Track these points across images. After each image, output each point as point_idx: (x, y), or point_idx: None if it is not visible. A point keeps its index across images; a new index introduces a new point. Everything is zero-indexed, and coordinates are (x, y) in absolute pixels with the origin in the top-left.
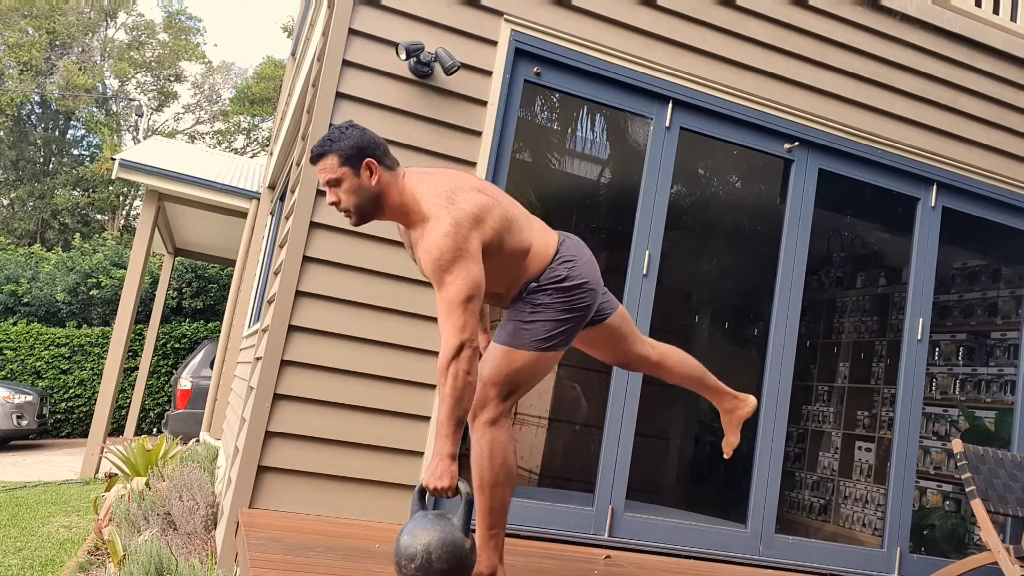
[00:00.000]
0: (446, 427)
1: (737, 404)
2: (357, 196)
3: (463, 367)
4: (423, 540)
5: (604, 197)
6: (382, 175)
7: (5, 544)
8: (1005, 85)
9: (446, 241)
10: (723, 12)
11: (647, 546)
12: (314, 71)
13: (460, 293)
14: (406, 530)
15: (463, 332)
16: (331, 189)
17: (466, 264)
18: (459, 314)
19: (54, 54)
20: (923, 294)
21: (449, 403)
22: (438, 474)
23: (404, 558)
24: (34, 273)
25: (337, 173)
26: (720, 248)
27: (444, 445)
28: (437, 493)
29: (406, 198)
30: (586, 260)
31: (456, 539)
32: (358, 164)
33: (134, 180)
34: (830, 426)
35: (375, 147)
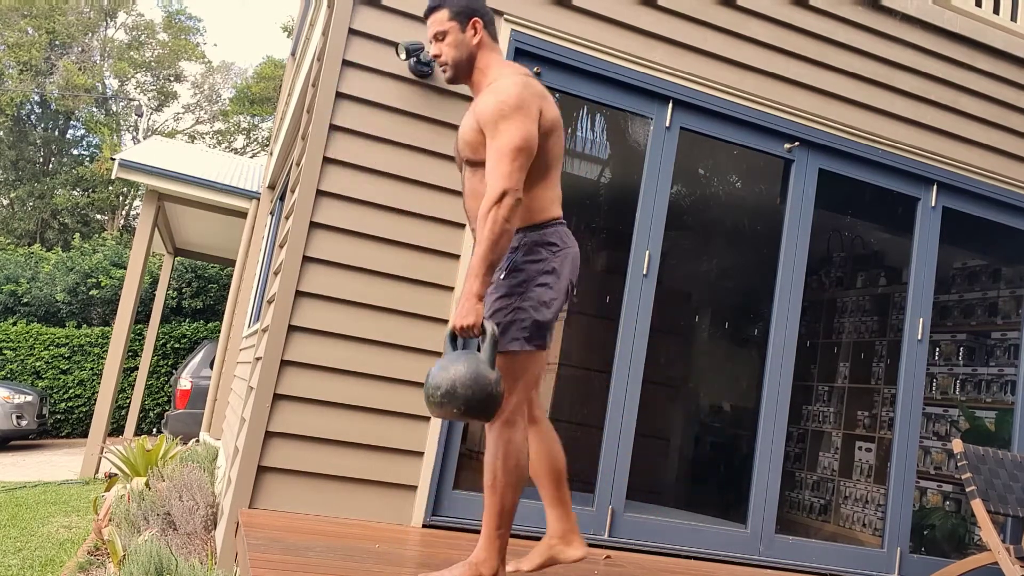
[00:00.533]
0: (478, 268)
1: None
2: (458, 50)
3: (503, 213)
4: (451, 372)
5: (604, 197)
6: (484, 37)
7: (5, 544)
8: (1005, 85)
9: (513, 89)
10: (723, 12)
11: (647, 546)
12: (314, 71)
13: (512, 142)
14: (437, 364)
15: (508, 180)
16: (436, 43)
17: (524, 118)
18: (507, 162)
19: (54, 54)
20: (923, 294)
21: (485, 246)
22: (464, 312)
23: (431, 387)
24: (34, 273)
25: (445, 26)
26: (720, 248)
27: (473, 284)
28: (464, 332)
29: (491, 63)
30: (573, 255)
31: (481, 370)
32: (466, 21)
33: (134, 180)
34: (830, 426)
35: (484, 12)
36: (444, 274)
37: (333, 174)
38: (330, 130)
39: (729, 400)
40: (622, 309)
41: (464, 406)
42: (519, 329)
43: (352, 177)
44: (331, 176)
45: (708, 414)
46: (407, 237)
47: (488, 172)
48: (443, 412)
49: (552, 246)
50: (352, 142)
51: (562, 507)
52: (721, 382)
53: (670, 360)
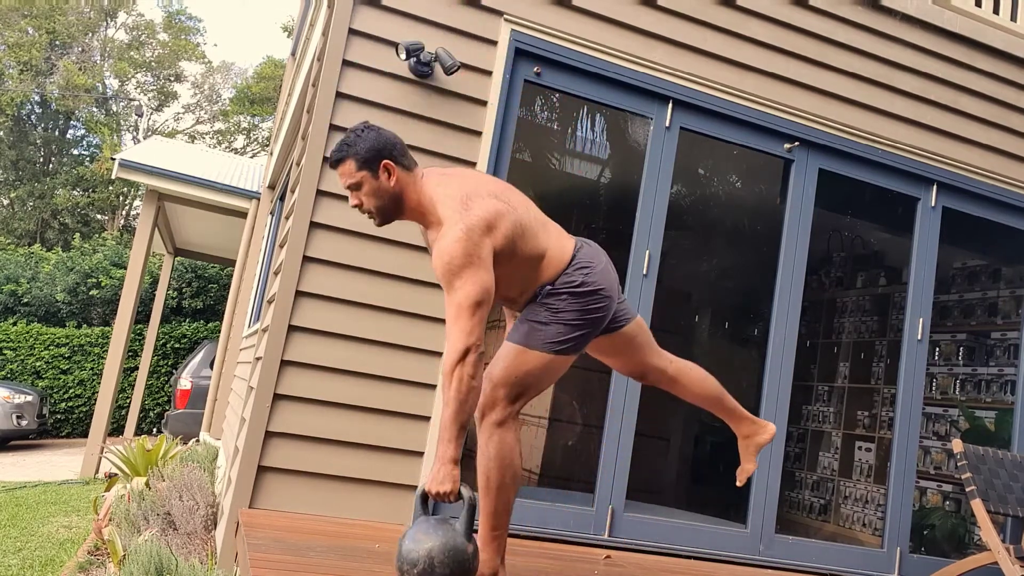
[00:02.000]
0: (449, 431)
1: (756, 429)
2: (377, 198)
3: (468, 371)
4: (426, 546)
5: (604, 197)
6: (400, 176)
7: (5, 544)
8: (1005, 85)
9: (457, 247)
10: (723, 12)
11: (647, 546)
12: (314, 71)
13: (469, 298)
14: (408, 535)
15: (470, 336)
16: (352, 193)
17: (476, 270)
18: (467, 318)
19: (54, 54)
20: (923, 294)
21: (453, 407)
22: (440, 479)
23: (407, 563)
24: (34, 273)
25: (356, 177)
26: (720, 248)
27: (447, 449)
28: (440, 498)
29: (424, 200)
30: (602, 267)
31: (459, 544)
32: (376, 166)
33: (134, 180)
34: (830, 426)
35: (391, 147)
36: None
37: (333, 174)
38: (330, 130)
39: None
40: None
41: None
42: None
43: None
44: (331, 176)
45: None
46: (407, 237)
47: (448, 327)
48: None
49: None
50: None
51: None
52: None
53: None
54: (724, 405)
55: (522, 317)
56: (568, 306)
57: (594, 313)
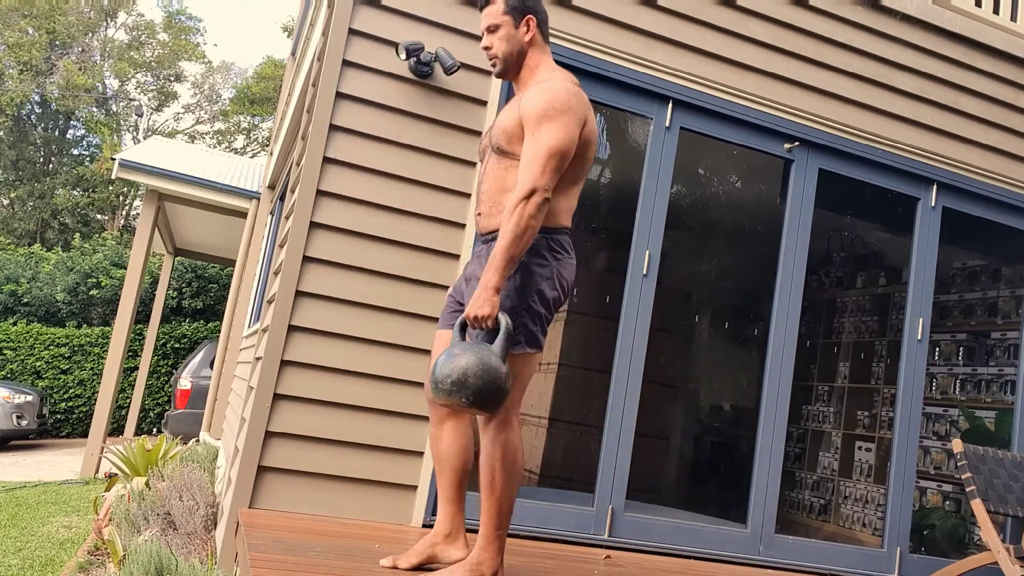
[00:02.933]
0: (499, 260)
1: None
2: (509, 44)
3: (530, 210)
4: (461, 360)
5: (604, 197)
6: (536, 36)
7: (5, 544)
8: (1005, 85)
9: (565, 94)
10: (723, 12)
11: (647, 546)
12: (314, 71)
13: (552, 142)
14: (445, 353)
15: (540, 179)
16: (488, 35)
17: (568, 122)
18: (543, 161)
19: (54, 54)
20: (923, 294)
21: (508, 239)
22: (479, 303)
23: (441, 375)
24: (34, 273)
25: (499, 19)
26: (720, 248)
27: (492, 277)
28: (478, 323)
29: (543, 65)
30: (572, 264)
31: (493, 362)
32: (520, 17)
33: (134, 180)
34: (830, 426)
35: (539, 11)
36: (444, 274)
37: (333, 174)
38: (330, 130)
39: (729, 400)
40: (622, 309)
41: (473, 396)
42: (521, 331)
43: (352, 177)
44: (331, 176)
45: (708, 414)
46: (407, 237)
47: (522, 168)
48: (450, 401)
49: (556, 252)
50: (352, 142)
51: (458, 505)
52: (721, 382)
53: (670, 360)
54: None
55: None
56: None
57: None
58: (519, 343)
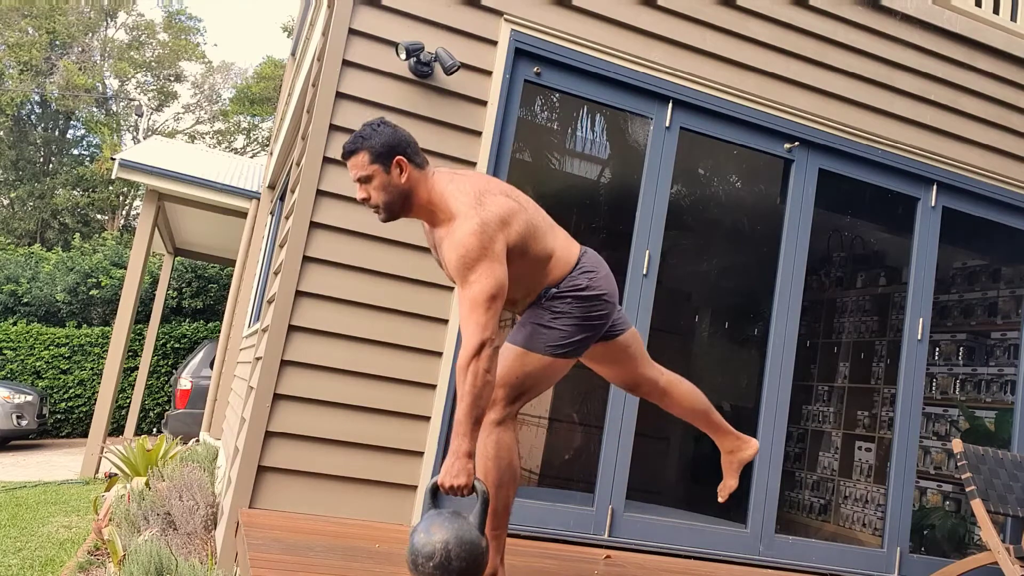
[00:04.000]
0: (464, 425)
1: (739, 445)
2: (387, 193)
3: (483, 365)
4: (441, 537)
5: (604, 197)
6: (411, 173)
7: (5, 544)
8: (1005, 85)
9: (472, 239)
10: (723, 12)
11: (647, 546)
12: (314, 71)
13: (484, 292)
14: (421, 528)
15: (485, 331)
16: (361, 186)
17: (491, 264)
18: (481, 312)
19: (54, 54)
20: (923, 294)
21: (468, 401)
22: (454, 472)
23: (422, 556)
24: (34, 273)
25: (368, 170)
26: (720, 248)
27: (461, 443)
28: (454, 492)
29: (434, 196)
30: (605, 274)
31: (474, 538)
32: (388, 162)
33: (134, 180)
34: (830, 426)
35: (405, 145)
36: (444, 274)
37: (333, 174)
38: (330, 130)
39: (729, 400)
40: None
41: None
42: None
43: None
44: (331, 176)
45: None
46: (407, 237)
47: (463, 321)
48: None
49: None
50: None
51: (720, 429)
52: (721, 382)
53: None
54: (711, 420)
55: (524, 319)
56: (571, 309)
57: (596, 318)
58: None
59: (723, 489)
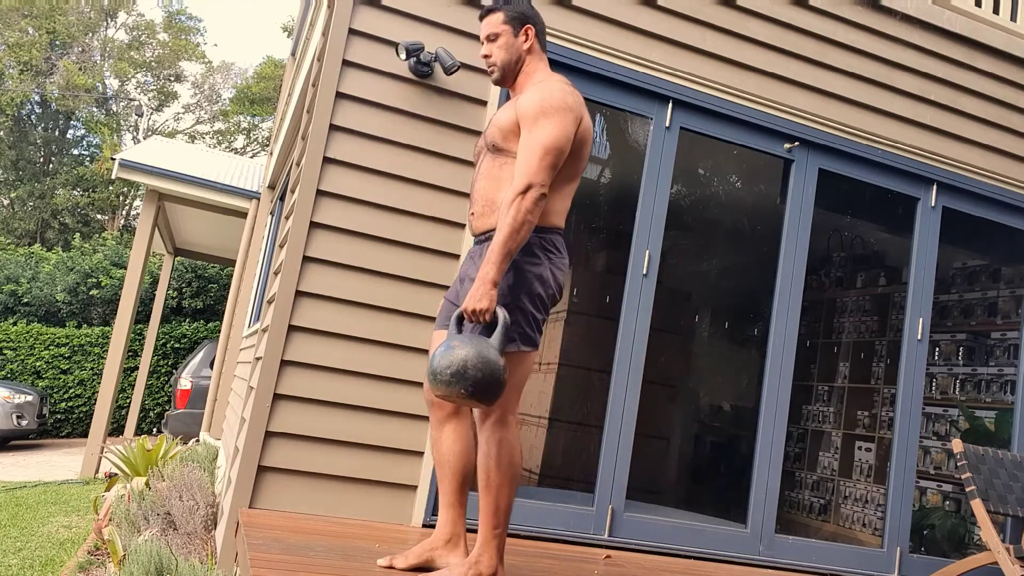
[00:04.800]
0: (496, 255)
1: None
2: (508, 53)
3: (527, 205)
4: (460, 352)
5: (604, 197)
6: (534, 44)
7: (5, 544)
8: (1005, 85)
9: (559, 94)
10: (723, 12)
11: (647, 546)
12: (314, 71)
13: (549, 139)
14: (443, 345)
15: (537, 175)
16: (488, 43)
17: (564, 120)
18: (539, 157)
19: (54, 54)
20: (923, 294)
21: (505, 232)
22: (478, 296)
23: (440, 366)
24: (34, 273)
25: (499, 29)
26: (720, 248)
27: (489, 270)
28: (475, 316)
29: (540, 72)
30: (566, 262)
31: (493, 356)
32: (519, 27)
33: (134, 180)
34: (830, 426)
35: (538, 21)
36: (444, 274)
37: (333, 174)
38: (330, 130)
39: (729, 400)
40: (622, 309)
41: (472, 387)
42: (516, 329)
43: (352, 177)
44: (331, 176)
45: (708, 414)
46: (407, 237)
47: (518, 163)
48: (449, 392)
49: (549, 252)
50: (352, 142)
51: (459, 509)
52: (721, 382)
53: (670, 360)
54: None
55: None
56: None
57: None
58: (513, 341)
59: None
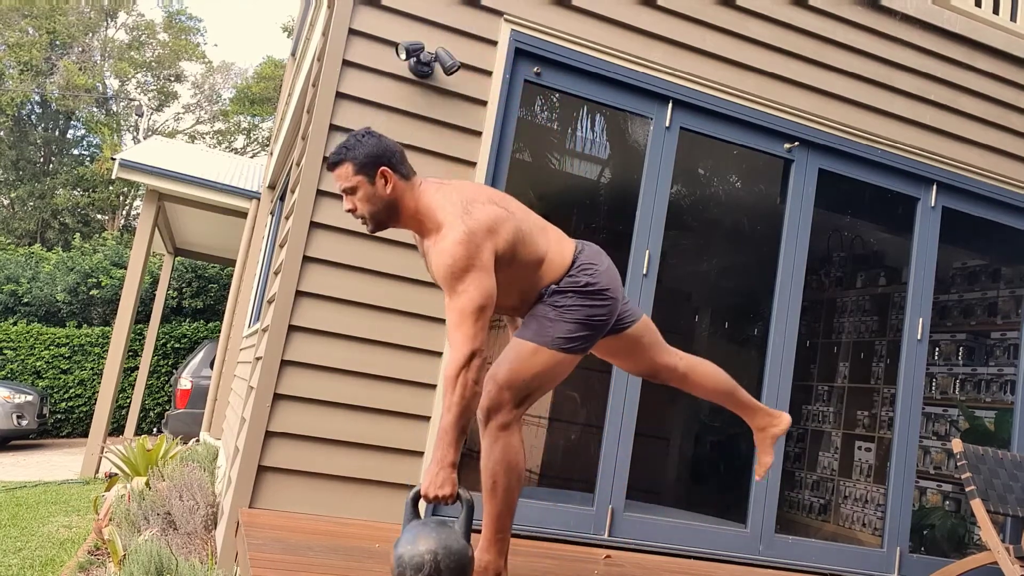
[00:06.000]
0: (449, 435)
1: (771, 421)
2: (372, 204)
3: (472, 376)
4: (430, 547)
5: (604, 197)
6: (397, 183)
7: (5, 544)
8: (1005, 85)
9: (459, 249)
10: (723, 12)
11: (647, 546)
12: (314, 71)
13: (472, 303)
14: (405, 539)
15: (473, 341)
16: (347, 196)
17: (478, 274)
18: (470, 324)
19: (54, 54)
20: (923, 294)
21: (455, 411)
22: (439, 482)
23: (410, 568)
24: (34, 273)
25: (352, 181)
26: (720, 248)
27: (447, 453)
28: (438, 501)
29: (421, 206)
30: (606, 268)
31: (462, 547)
32: (373, 172)
33: (134, 180)
34: (830, 426)
35: (390, 155)
36: None
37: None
38: (330, 130)
39: None
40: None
41: None
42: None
43: None
44: (331, 176)
45: (708, 414)
46: (407, 237)
47: (451, 332)
48: None
49: (568, 294)
50: None
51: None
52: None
53: None
54: (737, 399)
55: (529, 316)
56: (574, 303)
57: (599, 314)
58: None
59: (759, 467)
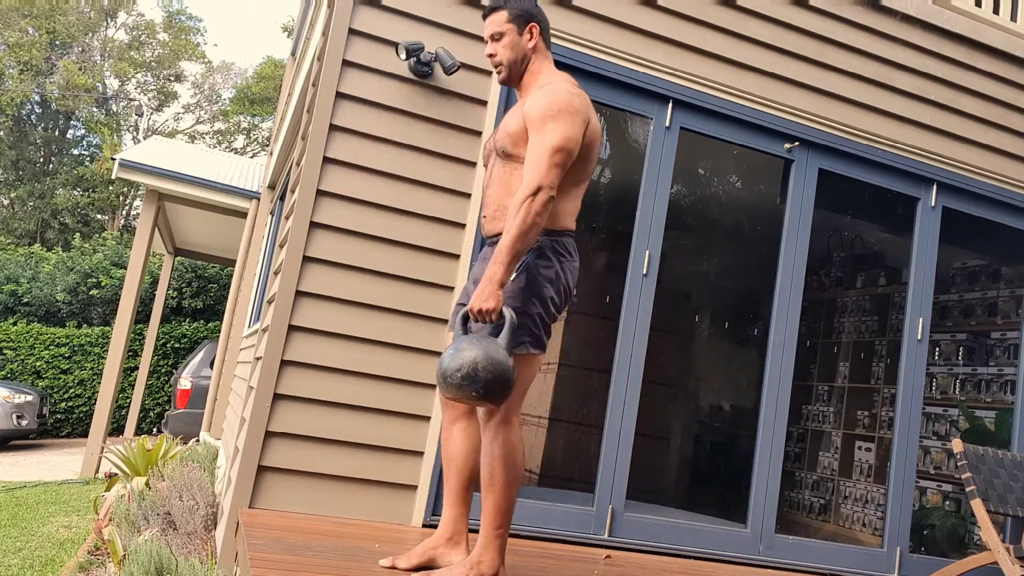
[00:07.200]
0: (504, 255)
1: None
2: (513, 52)
3: (536, 207)
4: (470, 354)
5: (604, 197)
6: (539, 43)
7: (5, 544)
8: (1005, 85)
9: (566, 95)
10: (723, 12)
11: (647, 546)
12: (314, 71)
13: (556, 140)
14: (451, 348)
15: (545, 176)
16: (492, 42)
17: (571, 122)
18: (547, 160)
19: (54, 54)
20: (923, 294)
21: (514, 234)
22: (484, 296)
23: (450, 369)
24: (34, 273)
25: (503, 28)
26: (720, 248)
27: (497, 271)
28: (482, 316)
29: (544, 71)
30: (576, 266)
31: (502, 357)
32: (523, 25)
33: (134, 180)
34: (830, 426)
35: (542, 19)
36: (444, 274)
37: (333, 174)
38: (330, 130)
39: (729, 400)
40: (622, 309)
41: (483, 389)
42: (525, 332)
43: (352, 177)
44: (331, 176)
45: (708, 414)
46: (407, 237)
47: (527, 166)
48: (460, 394)
49: (561, 255)
50: (352, 142)
51: (462, 508)
52: (721, 382)
53: (670, 360)
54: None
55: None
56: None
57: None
58: (523, 343)
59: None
